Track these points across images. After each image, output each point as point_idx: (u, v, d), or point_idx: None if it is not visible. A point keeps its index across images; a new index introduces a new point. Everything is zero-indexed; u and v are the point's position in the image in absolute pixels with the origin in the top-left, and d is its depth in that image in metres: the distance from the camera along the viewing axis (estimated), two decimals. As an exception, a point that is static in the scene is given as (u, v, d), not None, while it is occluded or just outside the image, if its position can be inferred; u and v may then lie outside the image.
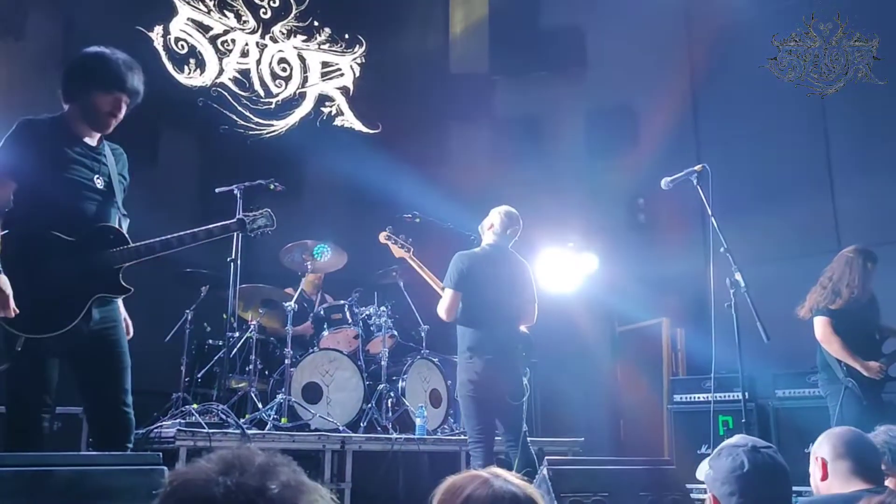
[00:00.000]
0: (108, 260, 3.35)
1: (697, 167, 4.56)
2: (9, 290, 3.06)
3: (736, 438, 2.44)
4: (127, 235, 3.48)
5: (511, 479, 1.54)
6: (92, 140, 3.48)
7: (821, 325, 5.19)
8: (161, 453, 2.45)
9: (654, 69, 8.56)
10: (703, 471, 2.53)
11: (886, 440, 3.12)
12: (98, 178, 3.42)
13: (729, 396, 6.67)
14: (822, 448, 2.80)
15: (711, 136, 8.18)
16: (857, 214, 7.15)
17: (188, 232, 3.63)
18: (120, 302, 3.54)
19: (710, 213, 4.46)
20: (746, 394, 5.11)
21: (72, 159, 3.34)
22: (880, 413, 4.73)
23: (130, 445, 3.34)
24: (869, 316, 5.27)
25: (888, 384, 5.20)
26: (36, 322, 3.15)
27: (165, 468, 2.26)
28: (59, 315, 3.20)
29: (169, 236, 3.56)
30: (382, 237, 5.57)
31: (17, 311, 3.08)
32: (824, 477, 2.74)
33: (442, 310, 4.80)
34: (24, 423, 3.16)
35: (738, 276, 4.26)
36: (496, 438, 4.83)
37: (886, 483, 3.04)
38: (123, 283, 3.41)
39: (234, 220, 3.97)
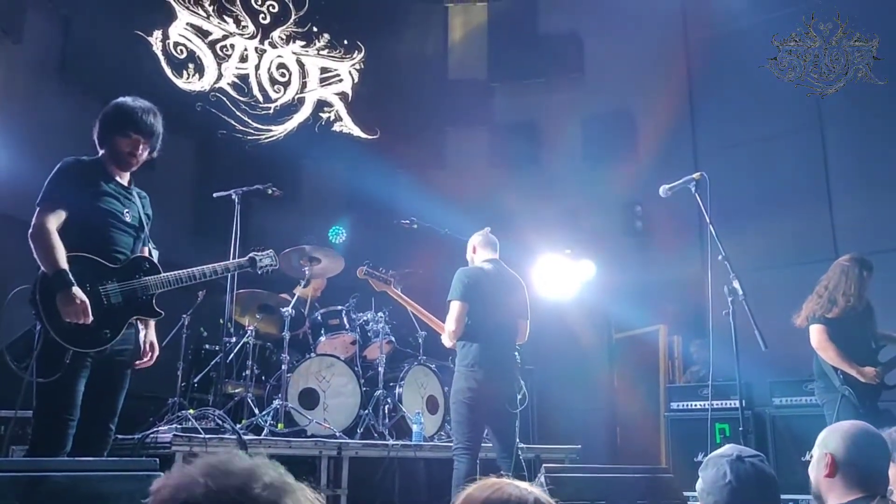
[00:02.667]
0: (144, 286, 3.69)
1: (696, 175, 4.56)
2: (86, 300, 3.39)
3: (723, 448, 2.42)
4: (159, 266, 3.83)
5: (532, 489, 1.55)
6: (122, 180, 3.84)
7: (816, 333, 5.19)
8: (157, 459, 2.45)
9: (651, 76, 8.58)
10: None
11: (893, 440, 3.09)
12: (127, 212, 3.78)
13: (726, 404, 6.68)
14: (832, 444, 2.65)
15: (708, 144, 8.19)
16: (854, 223, 7.16)
17: (209, 267, 4.02)
18: (152, 327, 3.87)
19: (708, 220, 4.45)
20: (743, 401, 5.12)
21: (106, 192, 3.71)
22: (876, 421, 4.71)
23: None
24: (865, 324, 5.27)
25: (884, 392, 5.20)
26: (83, 337, 3.42)
27: (161, 474, 2.25)
28: (101, 333, 3.50)
29: (192, 269, 3.93)
30: (360, 273, 5.54)
31: (70, 325, 3.36)
32: (831, 474, 2.60)
33: (451, 321, 4.82)
34: (53, 431, 3.35)
35: (735, 284, 4.25)
36: (485, 446, 4.88)
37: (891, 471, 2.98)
38: (156, 308, 3.78)
39: (247, 258, 4.38)
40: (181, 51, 8.16)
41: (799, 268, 6.81)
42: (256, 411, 5.84)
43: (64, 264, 3.40)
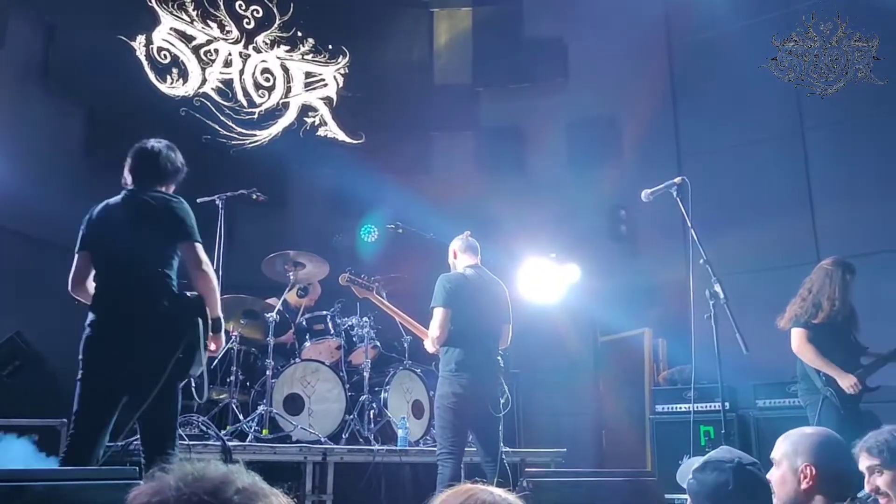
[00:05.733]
0: None
1: (677, 179, 4.60)
2: None
3: (722, 452, 2.39)
4: None
5: (506, 495, 1.54)
6: None
7: (796, 336, 5.20)
8: (137, 467, 2.44)
9: (635, 81, 8.62)
10: (683, 476, 2.50)
11: (885, 439, 3.09)
12: None
13: (710, 407, 6.70)
14: (809, 457, 2.56)
15: (692, 148, 8.24)
16: (835, 226, 7.22)
17: None
18: None
19: (689, 224, 4.49)
20: (727, 404, 5.15)
21: None
22: (858, 422, 4.74)
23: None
24: (849, 328, 5.27)
25: (867, 394, 5.21)
26: None
27: (141, 482, 2.24)
28: None
29: None
30: (343, 280, 5.54)
31: None
32: (811, 489, 2.51)
33: (434, 327, 4.83)
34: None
35: (717, 288, 4.27)
36: (469, 450, 4.91)
37: (880, 482, 2.97)
38: None
39: None
40: (165, 56, 8.14)
41: (782, 271, 6.85)
42: (241, 417, 5.82)
43: None
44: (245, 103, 8.65)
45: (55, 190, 6.79)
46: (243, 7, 8.80)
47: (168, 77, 8.14)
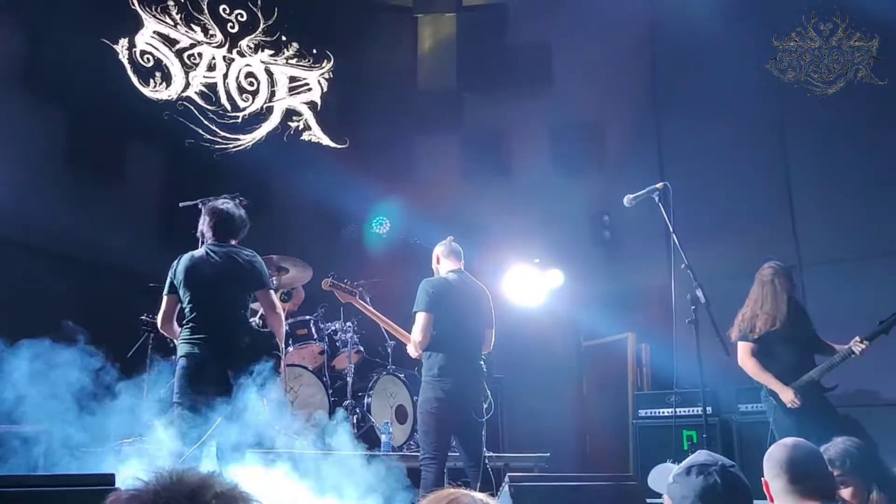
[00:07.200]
0: None
1: (659, 185, 4.62)
2: None
3: (703, 456, 2.41)
4: None
5: (488, 500, 1.54)
6: None
7: (740, 351, 5.20)
8: (114, 473, 2.42)
9: (618, 87, 8.67)
10: (658, 481, 2.51)
11: (845, 449, 3.11)
12: None
13: (693, 411, 6.73)
14: (764, 469, 2.68)
15: (675, 153, 8.28)
16: (815, 230, 7.28)
17: None
18: None
19: (671, 230, 4.51)
20: (709, 408, 5.15)
21: None
22: (814, 425, 4.68)
23: None
24: (797, 329, 5.21)
25: (828, 393, 5.17)
26: None
27: (121, 489, 2.23)
28: None
29: None
30: (325, 285, 5.54)
31: None
32: (770, 499, 2.62)
33: (417, 332, 4.82)
34: None
35: (698, 293, 4.30)
36: (452, 455, 4.93)
37: (844, 493, 3.02)
38: None
39: None
40: (148, 59, 8.09)
41: (764, 276, 6.88)
42: (223, 423, 5.78)
43: None
44: (229, 107, 8.62)
45: (38, 195, 6.76)
46: (227, 11, 8.78)
47: (151, 81, 8.09)
